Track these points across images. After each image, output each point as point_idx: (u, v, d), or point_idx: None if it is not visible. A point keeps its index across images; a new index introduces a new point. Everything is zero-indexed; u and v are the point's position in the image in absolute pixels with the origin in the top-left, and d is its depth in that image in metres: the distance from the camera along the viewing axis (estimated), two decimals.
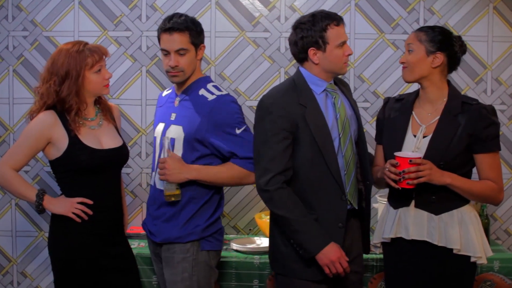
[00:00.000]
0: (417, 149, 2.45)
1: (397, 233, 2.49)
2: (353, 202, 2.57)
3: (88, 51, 2.58)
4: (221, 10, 3.56)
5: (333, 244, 2.46)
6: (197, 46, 2.65)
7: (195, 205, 2.63)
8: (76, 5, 3.59)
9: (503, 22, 3.51)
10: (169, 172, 2.54)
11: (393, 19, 3.53)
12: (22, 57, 3.63)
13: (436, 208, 2.43)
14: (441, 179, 2.36)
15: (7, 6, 3.62)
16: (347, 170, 2.53)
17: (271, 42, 3.56)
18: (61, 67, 2.55)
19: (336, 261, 2.44)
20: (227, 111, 2.61)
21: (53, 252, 2.66)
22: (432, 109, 2.49)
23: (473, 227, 2.42)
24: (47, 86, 2.57)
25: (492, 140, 2.40)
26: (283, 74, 3.57)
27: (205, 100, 2.62)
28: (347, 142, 2.53)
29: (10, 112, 3.65)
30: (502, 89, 3.53)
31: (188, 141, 2.60)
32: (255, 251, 3.17)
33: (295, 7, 3.55)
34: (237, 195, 3.63)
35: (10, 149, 2.65)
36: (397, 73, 3.53)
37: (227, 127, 2.59)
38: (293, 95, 2.52)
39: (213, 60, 3.58)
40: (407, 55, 2.49)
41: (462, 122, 2.40)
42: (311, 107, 2.50)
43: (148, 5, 3.58)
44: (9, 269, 3.72)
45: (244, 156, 2.59)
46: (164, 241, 2.66)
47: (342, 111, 2.55)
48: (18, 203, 3.66)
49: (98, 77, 2.61)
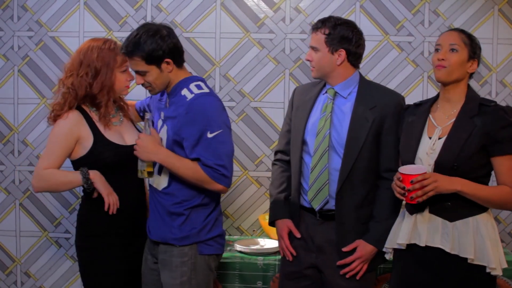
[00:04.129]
0: (432, 150, 2.37)
1: (411, 239, 2.41)
2: (313, 202, 2.63)
3: (119, 49, 2.59)
4: (226, 11, 3.57)
5: (284, 221, 2.74)
6: (158, 63, 2.49)
7: (188, 207, 2.59)
8: (81, 6, 3.60)
9: (508, 24, 3.50)
10: (139, 149, 2.53)
11: (398, 21, 3.53)
12: (27, 57, 3.63)
13: (451, 215, 2.34)
14: (450, 187, 2.27)
15: (12, 6, 3.62)
16: (312, 170, 2.62)
17: (276, 43, 3.56)
18: (95, 61, 2.58)
19: (279, 237, 2.76)
20: (203, 111, 2.49)
21: (79, 247, 2.72)
22: (450, 112, 2.42)
23: (489, 237, 2.32)
24: (79, 78, 2.58)
25: (509, 142, 2.29)
26: (288, 76, 3.57)
27: (184, 100, 2.52)
28: (320, 144, 2.60)
29: (15, 112, 3.66)
30: (507, 91, 3.52)
31: (168, 142, 2.58)
32: (259, 253, 3.17)
33: (300, 8, 3.55)
34: (241, 196, 3.63)
35: (43, 154, 2.65)
36: (401, 75, 3.53)
37: (200, 128, 2.47)
38: (308, 89, 2.79)
39: (218, 61, 3.58)
40: (449, 53, 2.38)
41: (478, 124, 2.32)
42: (301, 107, 2.74)
43: (153, 6, 3.58)
44: (13, 269, 3.72)
45: (206, 163, 2.49)
46: (160, 240, 2.62)
47: (328, 115, 2.62)
48: (22, 203, 3.67)
49: (123, 76, 2.66)
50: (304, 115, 2.70)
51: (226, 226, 3.62)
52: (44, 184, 2.63)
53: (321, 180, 2.60)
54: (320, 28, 2.60)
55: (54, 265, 3.69)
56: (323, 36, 2.58)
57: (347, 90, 2.65)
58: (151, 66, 2.49)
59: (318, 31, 2.60)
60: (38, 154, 3.63)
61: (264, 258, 3.13)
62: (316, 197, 2.62)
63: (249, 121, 3.57)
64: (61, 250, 3.68)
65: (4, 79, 3.65)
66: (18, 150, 3.66)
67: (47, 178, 2.60)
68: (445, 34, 2.45)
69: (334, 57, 2.59)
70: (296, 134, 2.71)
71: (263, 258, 3.12)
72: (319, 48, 2.60)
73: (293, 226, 2.71)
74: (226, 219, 3.62)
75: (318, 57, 2.60)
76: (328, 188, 2.61)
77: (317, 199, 2.62)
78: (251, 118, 3.58)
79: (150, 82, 2.53)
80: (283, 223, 2.74)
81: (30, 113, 3.64)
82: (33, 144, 3.64)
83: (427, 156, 2.38)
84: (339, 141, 2.60)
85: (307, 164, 2.66)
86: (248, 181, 3.62)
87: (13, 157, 3.66)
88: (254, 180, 3.61)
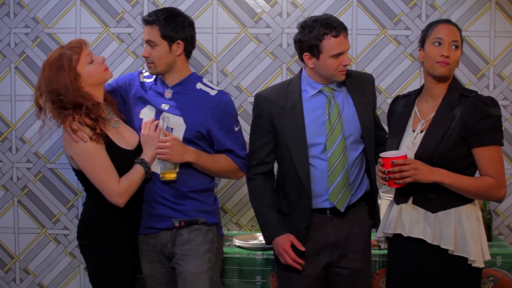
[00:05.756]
0: (413, 145, 2.40)
1: (396, 229, 2.45)
2: (337, 203, 2.60)
3: (66, 51, 2.51)
4: (223, 6, 3.56)
5: (284, 236, 2.62)
6: (171, 41, 2.60)
7: (197, 191, 2.68)
8: (78, 2, 3.59)
9: (506, 17, 3.50)
10: (172, 152, 2.55)
11: (395, 15, 3.52)
12: (24, 54, 3.62)
13: (433, 206, 2.36)
14: (429, 178, 2.30)
15: (8, 3, 3.61)
16: (331, 172, 2.57)
17: (273, 38, 3.56)
18: (55, 82, 2.48)
19: (283, 253, 2.60)
20: (230, 108, 2.72)
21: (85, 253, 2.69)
22: (434, 104, 2.44)
23: (471, 228, 2.32)
24: (59, 100, 2.48)
25: (488, 133, 2.30)
26: (285, 70, 3.56)
27: (207, 94, 2.66)
28: (336, 144, 2.56)
29: (12, 109, 3.65)
30: (504, 84, 3.52)
31: (189, 133, 2.63)
32: (257, 247, 3.17)
33: (297, 3, 3.55)
34: (239, 191, 3.62)
35: (99, 180, 2.50)
36: (399, 69, 3.52)
37: (228, 123, 2.68)
38: (279, 95, 2.65)
39: (215, 56, 3.57)
40: (452, 50, 2.37)
41: (457, 115, 2.33)
42: (291, 110, 2.61)
43: (150, 1, 3.57)
44: (11, 266, 3.72)
45: (239, 154, 2.71)
46: (183, 218, 2.66)
47: (335, 112, 2.58)
48: (21, 200, 3.67)
49: (93, 67, 2.54)
50: (297, 120, 2.60)
51: (225, 221, 3.62)
52: (128, 195, 2.54)
53: (344, 181, 2.59)
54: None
55: (53, 262, 3.69)
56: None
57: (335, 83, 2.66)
58: (164, 41, 2.59)
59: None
60: (36, 151, 3.63)
61: (263, 253, 3.13)
62: (340, 198, 2.60)
63: (246, 116, 3.57)
64: (60, 247, 3.68)
65: (1, 76, 3.64)
66: (16, 147, 3.66)
67: (127, 189, 2.53)
68: (446, 28, 2.42)
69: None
70: (296, 141, 2.60)
71: (262, 253, 3.12)
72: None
73: (295, 240, 2.61)
74: (224, 214, 3.62)
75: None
76: (349, 186, 2.62)
77: (342, 200, 2.61)
78: (248, 113, 3.57)
79: (154, 58, 2.60)
80: (284, 239, 2.62)
81: (28, 110, 3.63)
82: (30, 141, 3.64)
83: (409, 150, 2.40)
84: (354, 133, 2.62)
85: (318, 167, 2.60)
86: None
87: (10, 154, 3.66)
88: None
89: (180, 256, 2.67)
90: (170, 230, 2.68)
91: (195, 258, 2.64)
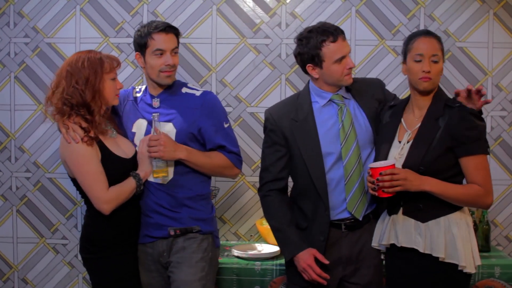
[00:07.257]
0: (400, 155, 2.43)
1: (390, 239, 2.48)
2: (355, 211, 2.59)
3: (105, 58, 2.60)
4: (222, 16, 3.57)
5: (307, 251, 2.57)
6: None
7: (192, 198, 2.71)
8: (78, 12, 3.60)
9: (503, 28, 3.52)
10: (164, 149, 2.56)
11: (394, 26, 3.54)
12: (24, 64, 3.63)
13: (423, 216, 2.40)
14: (419, 187, 2.34)
15: (8, 12, 3.63)
16: (348, 180, 2.57)
17: (272, 48, 3.57)
18: (83, 70, 2.54)
19: (307, 268, 2.55)
20: (217, 102, 2.79)
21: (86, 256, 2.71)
22: (419, 114, 2.48)
23: (460, 235, 2.37)
24: (71, 88, 2.53)
25: (473, 143, 2.34)
26: (284, 81, 3.57)
27: (193, 96, 2.73)
28: (351, 151, 2.56)
29: (12, 119, 3.65)
30: (502, 95, 3.53)
31: (180, 136, 2.66)
32: (256, 258, 3.17)
33: (296, 13, 3.56)
34: (238, 201, 3.63)
35: (88, 185, 2.54)
36: (396, 80, 3.53)
37: (218, 117, 2.73)
38: (289, 109, 2.65)
39: (214, 66, 3.58)
40: (431, 65, 2.40)
41: (441, 125, 2.38)
42: (303, 122, 2.60)
43: (150, 11, 3.59)
44: (10, 275, 3.72)
45: (231, 150, 2.74)
46: (180, 226, 2.68)
47: (348, 120, 2.58)
48: (19, 209, 3.67)
49: (113, 84, 2.62)
50: (310, 130, 2.60)
51: (224, 231, 3.62)
52: (114, 204, 2.56)
53: (361, 188, 2.59)
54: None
55: (52, 272, 3.69)
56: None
57: (342, 89, 2.66)
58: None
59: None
60: (35, 161, 3.63)
61: (262, 263, 3.12)
62: (358, 206, 2.60)
63: (245, 126, 3.58)
64: (58, 257, 3.68)
65: (0, 85, 3.65)
66: (15, 156, 3.66)
67: (114, 198, 2.55)
68: (425, 42, 2.44)
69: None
70: (310, 152, 2.59)
71: (260, 263, 3.12)
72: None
73: (318, 253, 2.57)
74: (223, 224, 3.62)
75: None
76: (366, 194, 2.62)
77: (359, 208, 2.60)
78: (247, 123, 3.59)
79: (177, 65, 2.70)
80: (306, 254, 2.57)
81: (27, 120, 3.64)
82: (30, 151, 3.64)
83: (396, 161, 2.43)
84: (367, 140, 2.62)
85: (335, 177, 2.59)
86: (245, 186, 3.62)
87: (10, 163, 3.66)
88: (251, 185, 3.61)
89: (174, 264, 2.69)
90: (166, 239, 2.70)
91: (188, 266, 2.66)
